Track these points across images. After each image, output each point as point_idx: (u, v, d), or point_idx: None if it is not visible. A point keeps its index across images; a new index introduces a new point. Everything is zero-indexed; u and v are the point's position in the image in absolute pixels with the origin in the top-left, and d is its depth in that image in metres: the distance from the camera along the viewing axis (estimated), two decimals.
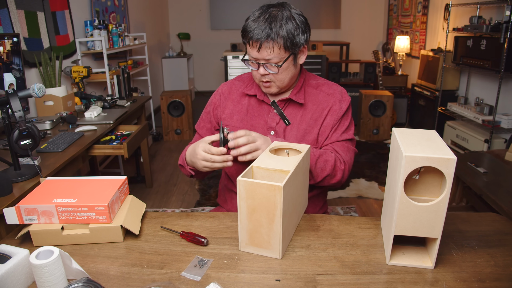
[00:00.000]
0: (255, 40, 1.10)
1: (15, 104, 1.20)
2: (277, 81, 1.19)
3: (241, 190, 0.85)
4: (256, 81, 1.24)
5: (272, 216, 0.84)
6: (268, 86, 1.21)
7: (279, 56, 1.12)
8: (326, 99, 1.26)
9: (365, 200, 2.96)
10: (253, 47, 1.12)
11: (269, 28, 1.09)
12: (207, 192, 3.10)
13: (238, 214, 0.88)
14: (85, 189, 1.01)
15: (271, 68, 1.16)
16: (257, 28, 1.10)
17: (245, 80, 1.35)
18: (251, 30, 1.11)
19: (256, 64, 1.17)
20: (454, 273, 0.84)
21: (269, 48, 1.11)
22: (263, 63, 1.15)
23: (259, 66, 1.16)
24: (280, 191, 0.81)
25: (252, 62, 1.17)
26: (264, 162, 0.96)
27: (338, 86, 1.30)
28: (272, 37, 1.09)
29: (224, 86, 1.37)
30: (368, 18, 6.39)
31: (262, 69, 1.16)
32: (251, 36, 1.11)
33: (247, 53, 1.19)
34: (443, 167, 0.76)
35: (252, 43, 1.12)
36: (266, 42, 1.10)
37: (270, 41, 1.10)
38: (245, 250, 0.92)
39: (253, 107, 1.29)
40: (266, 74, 1.17)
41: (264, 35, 1.09)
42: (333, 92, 1.27)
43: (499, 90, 2.99)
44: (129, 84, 3.37)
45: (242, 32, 1.16)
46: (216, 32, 6.54)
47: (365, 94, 4.39)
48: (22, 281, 0.79)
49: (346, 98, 1.27)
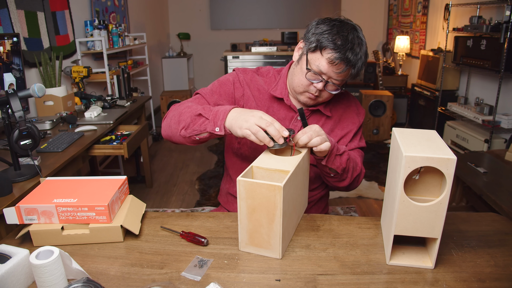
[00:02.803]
0: (342, 62, 1.04)
1: (15, 104, 1.20)
2: (324, 97, 1.15)
3: (241, 190, 0.85)
4: (299, 89, 1.15)
5: (272, 216, 0.84)
6: (314, 99, 1.14)
7: (345, 79, 1.09)
8: (345, 112, 1.26)
9: (365, 200, 2.96)
10: (333, 66, 1.05)
11: (359, 56, 1.05)
12: (207, 192, 3.10)
13: (238, 214, 0.88)
14: (85, 189, 1.01)
15: (331, 88, 1.11)
16: (350, 51, 1.03)
17: (266, 77, 1.26)
18: (341, 50, 1.02)
19: (319, 77, 1.09)
20: (454, 273, 0.84)
21: (348, 72, 1.07)
22: (327, 80, 1.08)
23: (321, 81, 1.09)
24: (280, 191, 0.81)
25: (314, 73, 1.09)
26: (264, 162, 0.96)
27: (352, 96, 1.30)
28: (359, 66, 1.06)
29: (244, 74, 1.25)
30: (368, 18, 6.39)
31: (321, 85, 1.09)
32: (339, 56, 1.03)
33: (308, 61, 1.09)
34: (443, 167, 0.76)
35: (337, 64, 1.04)
36: (352, 68, 1.06)
37: (355, 69, 1.06)
38: (245, 250, 0.92)
39: (274, 109, 1.23)
40: (322, 90, 1.11)
41: (354, 61, 1.04)
42: (350, 104, 1.28)
43: (499, 90, 2.99)
44: (129, 84, 3.37)
45: (321, 43, 1.05)
46: (216, 32, 6.53)
47: (365, 94, 4.39)
48: (22, 281, 0.79)
49: (361, 112, 1.28)
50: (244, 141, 1.24)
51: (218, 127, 0.98)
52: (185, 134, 1.05)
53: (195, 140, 1.05)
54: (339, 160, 1.10)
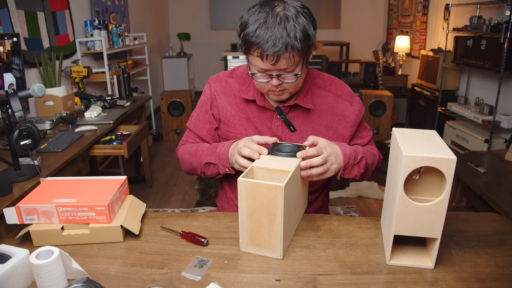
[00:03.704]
0: (271, 54, 0.92)
1: (15, 104, 1.20)
2: (290, 88, 1.04)
3: (242, 191, 0.85)
4: (263, 91, 1.07)
5: (273, 216, 0.84)
6: (280, 94, 1.05)
7: (295, 63, 0.96)
8: (335, 102, 1.15)
9: (365, 200, 2.96)
10: (266, 61, 0.94)
11: (286, 34, 0.90)
12: (207, 192, 3.10)
13: (239, 214, 0.88)
14: (85, 189, 1.01)
15: (287, 78, 1.00)
16: (272, 37, 0.90)
17: (240, 79, 1.18)
18: (263, 41, 0.91)
19: (267, 75, 1.00)
20: (454, 273, 0.84)
21: (288, 58, 0.93)
22: (276, 74, 0.98)
23: (272, 77, 1.00)
24: (281, 191, 0.81)
25: (261, 74, 1.00)
26: (264, 162, 0.96)
27: (344, 84, 1.19)
28: (292, 45, 0.91)
29: (216, 83, 1.20)
30: (368, 18, 6.39)
31: (275, 81, 1.00)
32: (264, 48, 0.91)
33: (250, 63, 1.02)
34: (443, 167, 0.76)
35: (267, 57, 0.93)
36: (285, 52, 0.92)
37: (290, 50, 0.92)
38: (246, 251, 0.92)
39: (253, 112, 1.15)
40: (280, 83, 1.01)
41: (282, 45, 0.90)
42: (341, 93, 1.16)
43: (499, 90, 2.99)
44: (129, 84, 3.37)
45: (245, 42, 0.96)
46: (216, 32, 6.53)
47: (365, 94, 4.39)
48: (22, 281, 0.79)
49: (356, 100, 1.17)
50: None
51: (227, 167, 1.08)
52: (207, 177, 1.18)
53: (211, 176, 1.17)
54: (357, 169, 1.04)
